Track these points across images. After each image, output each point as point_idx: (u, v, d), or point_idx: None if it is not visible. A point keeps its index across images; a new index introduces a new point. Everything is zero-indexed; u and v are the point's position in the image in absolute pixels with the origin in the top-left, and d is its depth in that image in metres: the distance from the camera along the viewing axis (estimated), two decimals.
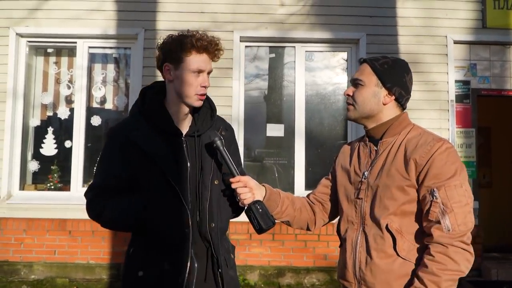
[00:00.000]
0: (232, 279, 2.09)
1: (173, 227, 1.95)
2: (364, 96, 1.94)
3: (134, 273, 2.02)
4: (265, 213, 1.94)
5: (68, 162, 5.90)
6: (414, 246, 1.81)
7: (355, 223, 1.94)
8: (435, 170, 1.77)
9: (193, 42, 1.97)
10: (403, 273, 1.80)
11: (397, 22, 5.92)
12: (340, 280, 2.01)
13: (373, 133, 1.98)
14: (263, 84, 6.18)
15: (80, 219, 5.61)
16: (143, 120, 2.05)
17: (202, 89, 2.02)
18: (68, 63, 6.11)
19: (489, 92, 6.02)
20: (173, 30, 6.00)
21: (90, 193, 2.09)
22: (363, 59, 2.00)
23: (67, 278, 5.56)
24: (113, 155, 2.05)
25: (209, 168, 2.05)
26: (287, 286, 5.59)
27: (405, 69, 1.96)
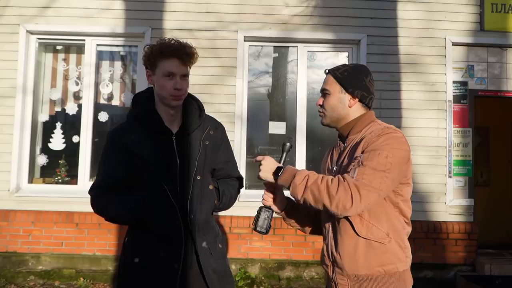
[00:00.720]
0: (220, 266, 2.29)
1: (167, 221, 2.17)
2: (331, 104, 2.16)
3: (130, 260, 2.23)
4: (267, 220, 2.21)
5: (76, 157, 6.06)
6: (372, 225, 2.00)
7: (327, 214, 2.11)
8: (370, 147, 1.97)
9: (161, 48, 2.19)
10: (364, 250, 1.99)
11: (397, 24, 6.08)
12: (322, 265, 2.23)
13: (342, 131, 2.21)
14: (266, 83, 6.33)
15: (87, 212, 5.76)
16: (137, 123, 2.28)
17: (174, 91, 2.21)
18: (76, 60, 6.27)
19: (486, 93, 6.18)
20: (180, 29, 6.21)
21: (93, 191, 2.32)
22: (327, 71, 2.23)
23: (74, 269, 5.73)
24: (111, 158, 2.28)
25: (193, 164, 2.25)
26: (286, 279, 5.75)
27: (364, 72, 2.18)
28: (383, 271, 1.99)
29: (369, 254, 1.99)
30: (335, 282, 2.09)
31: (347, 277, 2.04)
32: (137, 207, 2.16)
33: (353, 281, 2.03)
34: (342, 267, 2.04)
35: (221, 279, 2.27)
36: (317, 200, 1.90)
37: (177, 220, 2.16)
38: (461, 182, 5.99)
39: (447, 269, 5.79)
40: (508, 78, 6.19)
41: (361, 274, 2.00)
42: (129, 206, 2.19)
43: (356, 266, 2.00)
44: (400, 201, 2.04)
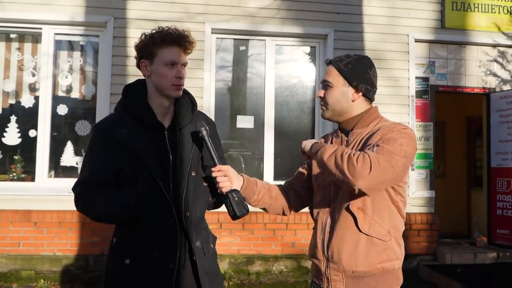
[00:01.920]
0: (211, 268, 2.20)
1: (162, 219, 2.05)
2: (334, 97, 2.10)
3: (120, 261, 2.09)
4: (240, 201, 2.06)
5: (33, 152, 5.74)
6: (375, 222, 1.97)
7: (325, 206, 2.09)
8: (384, 137, 1.94)
9: (162, 36, 2.09)
10: (365, 246, 1.97)
11: (363, 20, 6.16)
12: (311, 259, 2.17)
13: (345, 125, 2.15)
14: (234, 76, 6.25)
15: (46, 210, 5.50)
16: (127, 116, 2.15)
17: (177, 80, 2.11)
18: (32, 49, 5.90)
19: (446, 89, 6.41)
20: (144, 20, 5.99)
21: (79, 187, 2.15)
22: (328, 61, 2.16)
23: (33, 271, 5.43)
24: (100, 151, 2.13)
25: (187, 160, 2.16)
26: (256, 274, 5.73)
27: (368, 65, 2.11)
28: (382, 268, 1.98)
29: (370, 250, 1.97)
30: (327, 278, 2.05)
31: (342, 273, 2.00)
32: (132, 203, 2.03)
33: (349, 277, 2.00)
34: (338, 262, 2.00)
35: (211, 281, 2.18)
36: (338, 165, 1.83)
37: (173, 217, 2.06)
38: (423, 175, 6.19)
39: (409, 259, 5.97)
40: (467, 75, 6.45)
41: (359, 271, 1.98)
42: (123, 202, 2.05)
43: (355, 262, 1.97)
44: (399, 201, 2.05)
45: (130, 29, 5.78)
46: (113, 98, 5.67)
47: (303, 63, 6.33)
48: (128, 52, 5.74)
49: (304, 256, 5.85)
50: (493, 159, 6.42)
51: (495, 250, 6.11)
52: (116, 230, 2.21)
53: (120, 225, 2.17)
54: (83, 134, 5.85)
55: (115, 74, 5.72)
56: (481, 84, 6.47)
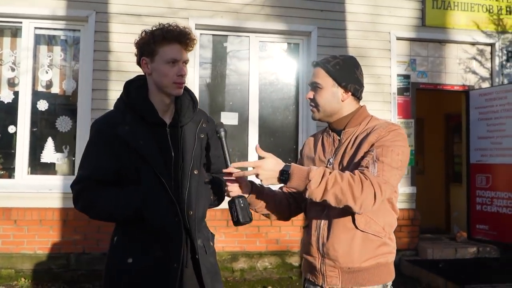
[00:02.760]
0: (212, 266, 2.20)
1: (166, 217, 2.04)
2: (325, 98, 2.12)
3: (122, 261, 2.06)
4: (246, 208, 2.04)
5: (12, 149, 5.63)
6: (370, 219, 2.01)
7: (320, 204, 2.07)
8: (381, 142, 1.98)
9: (163, 34, 2.06)
10: (361, 243, 2.00)
11: (346, 17, 6.21)
12: (304, 255, 2.18)
13: (336, 125, 2.17)
14: (218, 72, 6.23)
15: (27, 208, 5.40)
16: (129, 112, 2.12)
17: (178, 78, 2.09)
18: (11, 44, 5.77)
19: (426, 86, 6.52)
20: (127, 14, 5.91)
21: (78, 185, 2.11)
22: (315, 63, 2.18)
23: (13, 269, 5.33)
24: (100, 149, 2.09)
25: (190, 158, 2.14)
26: (240, 271, 5.73)
27: (355, 65, 2.16)
28: (377, 263, 2.02)
29: (366, 247, 2.00)
30: (323, 274, 2.08)
31: (338, 269, 2.03)
32: (138, 201, 2.00)
33: (345, 273, 2.03)
34: (335, 259, 2.03)
35: (213, 279, 2.17)
36: (340, 201, 1.86)
37: (177, 216, 2.04)
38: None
39: None
40: (446, 72, 6.57)
41: (355, 266, 2.01)
42: (127, 201, 2.02)
43: (351, 258, 2.01)
44: (393, 197, 2.09)
45: (112, 24, 5.70)
46: (94, 93, 5.59)
47: (287, 60, 6.34)
48: (110, 47, 5.66)
49: (288, 252, 5.87)
50: (472, 155, 6.55)
51: (475, 245, 6.24)
52: (116, 228, 2.17)
53: (122, 224, 2.13)
54: (64, 130, 5.75)
55: (96, 69, 5.64)
56: (460, 81, 6.60)
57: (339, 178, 1.87)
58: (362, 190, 1.84)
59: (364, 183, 1.85)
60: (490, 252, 6.18)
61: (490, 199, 6.30)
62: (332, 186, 1.85)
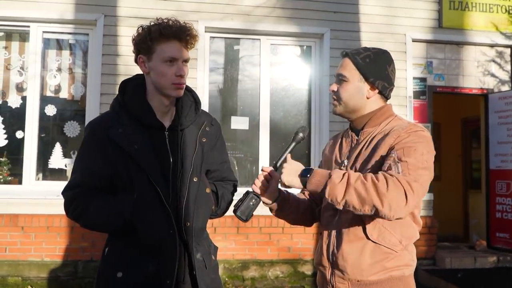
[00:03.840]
0: (213, 281, 2.02)
1: (159, 229, 1.88)
2: (348, 92, 1.96)
3: (111, 274, 1.91)
4: (251, 208, 1.96)
5: (20, 154, 5.55)
6: (385, 229, 1.83)
7: (332, 210, 1.94)
8: (401, 144, 1.80)
9: (160, 30, 1.89)
10: (371, 254, 1.83)
11: (360, 19, 6.05)
12: (316, 266, 2.04)
13: (356, 124, 2.02)
14: (228, 76, 6.11)
15: (34, 214, 5.32)
16: (124, 114, 1.97)
17: (177, 78, 1.93)
18: (19, 48, 5.72)
19: (443, 89, 6.32)
20: (135, 17, 5.83)
21: (69, 191, 1.97)
22: (345, 53, 2.01)
23: (20, 277, 5.24)
24: (93, 152, 1.95)
25: (189, 164, 1.98)
26: (251, 279, 5.58)
27: (387, 60, 1.99)
28: (390, 276, 1.85)
29: (376, 259, 1.83)
30: (333, 286, 1.92)
31: (348, 281, 1.87)
32: (128, 210, 1.85)
33: (355, 286, 1.87)
34: (344, 270, 1.87)
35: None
36: (364, 200, 1.66)
37: (171, 227, 1.88)
38: None
39: None
40: (464, 75, 6.37)
41: (365, 280, 1.85)
42: (117, 210, 1.87)
43: (360, 271, 1.84)
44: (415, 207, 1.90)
45: (120, 27, 5.61)
46: (103, 98, 5.50)
47: (299, 63, 6.19)
48: (119, 50, 5.58)
49: (300, 261, 5.70)
50: (492, 161, 6.33)
51: (495, 254, 6.01)
52: (108, 239, 2.02)
53: (114, 234, 1.98)
54: (72, 136, 5.67)
55: (105, 74, 5.55)
56: (479, 84, 6.39)
57: (362, 176, 1.70)
58: (388, 187, 1.64)
59: (389, 180, 1.66)
60: (511, 262, 5.94)
61: (511, 206, 6.07)
62: (355, 181, 1.68)
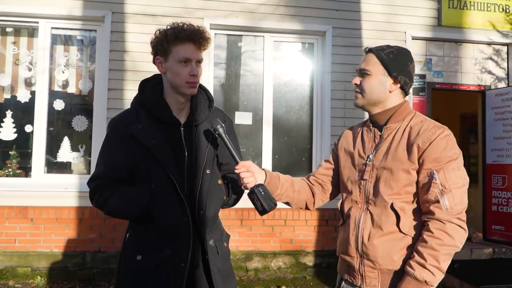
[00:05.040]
0: (224, 267, 2.19)
1: (175, 216, 2.05)
2: (372, 85, 2.06)
3: (132, 257, 2.09)
4: (267, 195, 2.02)
5: (29, 148, 5.67)
6: (414, 222, 1.97)
7: (359, 202, 2.07)
8: (435, 154, 1.93)
9: (176, 33, 2.06)
10: (403, 246, 1.96)
11: (361, 17, 6.18)
12: (341, 255, 2.14)
13: (377, 118, 2.11)
14: (232, 72, 6.23)
15: (43, 207, 5.44)
16: (143, 111, 2.14)
17: (191, 78, 2.09)
18: (28, 43, 5.82)
19: (442, 86, 6.47)
20: (142, 14, 5.93)
21: (94, 182, 2.16)
22: (368, 49, 2.13)
23: (29, 268, 5.38)
24: (114, 147, 2.13)
25: (203, 157, 2.14)
26: (254, 270, 5.73)
27: (409, 57, 2.11)
28: None
29: (406, 250, 1.96)
30: (362, 275, 2.03)
31: (378, 270, 1.99)
32: (145, 199, 2.03)
33: (385, 274, 1.99)
34: (374, 260, 1.98)
35: (225, 280, 2.17)
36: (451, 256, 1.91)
37: (186, 215, 2.05)
38: None
39: None
40: (462, 72, 6.51)
41: (397, 269, 1.97)
42: (136, 199, 2.05)
43: (392, 261, 1.96)
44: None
45: (128, 24, 5.72)
46: (110, 93, 5.62)
47: (301, 60, 6.32)
48: (126, 47, 5.69)
49: (302, 252, 5.86)
50: (488, 156, 6.49)
51: (490, 246, 6.18)
52: (129, 225, 2.21)
53: (134, 221, 2.16)
54: (80, 130, 5.79)
55: (112, 69, 5.67)
56: (476, 81, 6.54)
57: (431, 249, 1.87)
58: (452, 236, 1.88)
59: (448, 229, 1.88)
60: (506, 253, 6.11)
61: (506, 199, 6.24)
62: (438, 262, 1.86)
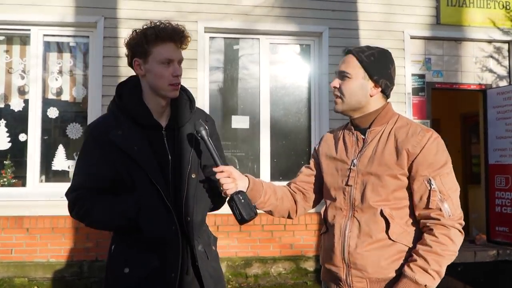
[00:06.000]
0: (215, 270, 2.12)
1: (162, 225, 1.96)
2: (352, 89, 1.97)
3: (119, 270, 1.99)
4: (247, 204, 1.92)
5: (23, 157, 5.61)
6: (403, 229, 1.89)
7: (344, 209, 1.98)
8: (429, 159, 1.86)
9: (156, 33, 1.96)
10: (392, 253, 1.89)
11: (358, 17, 6.09)
12: (325, 265, 2.05)
13: (359, 122, 2.02)
14: (228, 75, 6.15)
15: (39, 216, 5.39)
16: (122, 116, 2.03)
17: (174, 79, 2.00)
18: (20, 51, 5.76)
19: (442, 85, 6.37)
20: (135, 19, 5.87)
21: (73, 193, 2.04)
22: (348, 50, 2.04)
23: (26, 278, 5.31)
24: (93, 155, 2.01)
25: (187, 161, 2.05)
26: (254, 276, 5.65)
27: (390, 60, 2.03)
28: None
29: (395, 257, 1.89)
30: (349, 285, 1.95)
31: (367, 279, 1.91)
32: (131, 209, 1.92)
33: (374, 283, 1.91)
34: (363, 269, 1.90)
35: (216, 284, 2.10)
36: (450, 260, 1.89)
37: (173, 223, 1.96)
38: None
39: None
40: (462, 71, 6.41)
41: (386, 277, 1.89)
42: (121, 210, 1.94)
43: (381, 269, 1.89)
44: None
45: (121, 29, 5.65)
46: (104, 100, 5.55)
47: (298, 61, 6.24)
48: (119, 52, 5.61)
49: (302, 257, 5.77)
50: (491, 156, 6.38)
51: (494, 248, 6.07)
52: (114, 236, 2.10)
53: (118, 232, 2.07)
54: (75, 138, 5.73)
55: (106, 76, 5.60)
56: (477, 80, 6.43)
57: (432, 254, 1.84)
58: (454, 242, 1.85)
59: (451, 234, 1.86)
60: (510, 255, 5.99)
61: (510, 200, 6.13)
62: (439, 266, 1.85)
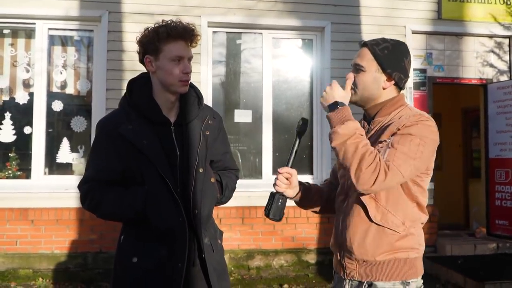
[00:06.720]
0: (219, 264, 2.18)
1: (170, 217, 2.03)
2: (365, 82, 2.00)
3: (127, 260, 2.06)
4: (281, 208, 2.06)
5: (28, 149, 5.66)
6: (388, 212, 1.91)
7: (343, 195, 2.06)
8: (402, 131, 1.87)
9: (168, 31, 2.03)
10: (377, 237, 1.92)
11: (360, 12, 6.12)
12: (331, 248, 2.15)
13: (368, 112, 2.08)
14: (231, 69, 6.20)
15: (43, 208, 5.44)
16: (133, 111, 2.11)
17: (184, 76, 2.07)
18: (25, 45, 5.81)
19: (443, 80, 6.41)
20: (140, 13, 5.90)
21: (85, 185, 2.12)
22: (363, 43, 2.06)
23: (31, 269, 5.37)
24: (104, 149, 2.09)
25: (195, 156, 2.12)
26: (256, 268, 5.71)
27: (405, 53, 2.04)
28: (394, 258, 1.93)
29: (380, 240, 1.92)
30: (343, 266, 2.03)
31: (355, 261, 1.98)
32: (139, 202, 2.00)
33: (361, 266, 1.97)
34: (350, 250, 1.97)
35: (220, 277, 2.16)
36: (344, 160, 1.83)
37: (181, 216, 2.03)
38: None
39: None
40: (464, 66, 6.45)
41: (370, 260, 1.94)
42: (130, 202, 2.02)
43: (365, 251, 1.93)
44: (418, 193, 1.97)
45: (125, 23, 5.70)
46: (108, 93, 5.60)
47: (300, 56, 6.28)
48: (124, 46, 5.66)
49: (304, 250, 5.83)
50: (491, 150, 6.43)
51: (494, 241, 6.13)
52: (123, 227, 2.17)
53: (128, 224, 2.14)
54: (79, 131, 5.78)
55: (110, 69, 5.65)
56: (478, 75, 6.48)
57: (361, 143, 1.82)
58: (369, 166, 1.78)
59: (374, 162, 1.78)
60: (510, 248, 6.05)
61: (510, 194, 6.18)
62: (351, 143, 1.82)
